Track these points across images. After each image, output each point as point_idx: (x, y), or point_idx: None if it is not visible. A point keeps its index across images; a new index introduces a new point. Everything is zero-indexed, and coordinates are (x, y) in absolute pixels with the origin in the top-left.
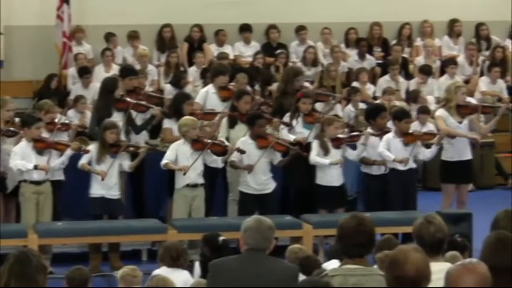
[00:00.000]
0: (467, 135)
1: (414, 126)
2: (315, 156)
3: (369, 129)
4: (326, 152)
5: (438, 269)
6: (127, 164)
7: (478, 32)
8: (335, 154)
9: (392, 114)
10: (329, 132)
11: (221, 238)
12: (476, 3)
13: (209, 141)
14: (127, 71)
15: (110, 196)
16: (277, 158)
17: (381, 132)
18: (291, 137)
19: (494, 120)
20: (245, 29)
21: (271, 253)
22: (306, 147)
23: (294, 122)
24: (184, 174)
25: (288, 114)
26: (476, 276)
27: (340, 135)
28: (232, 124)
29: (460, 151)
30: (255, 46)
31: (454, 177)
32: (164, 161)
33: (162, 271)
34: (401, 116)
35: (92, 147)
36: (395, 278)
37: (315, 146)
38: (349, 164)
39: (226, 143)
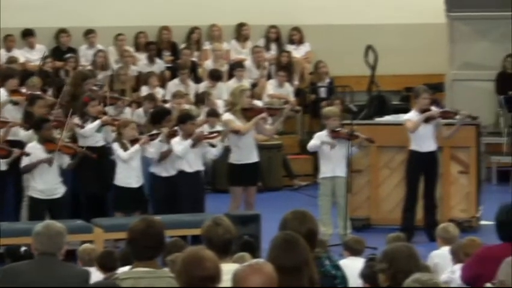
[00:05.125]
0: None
1: (204, 129)
2: (124, 152)
3: (164, 128)
4: None
5: (227, 270)
6: None
7: (268, 35)
8: (136, 154)
9: (177, 118)
10: (126, 133)
11: (23, 248)
12: (262, 8)
13: None
14: None
15: None
16: (66, 161)
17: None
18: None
19: (279, 122)
20: (27, 34)
21: (65, 257)
22: (102, 151)
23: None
24: None
25: (77, 118)
26: (262, 276)
27: (138, 136)
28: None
29: (246, 154)
30: (40, 50)
31: (241, 179)
32: None
33: None
34: (185, 118)
35: None
36: (189, 279)
37: (116, 146)
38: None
39: (10, 148)
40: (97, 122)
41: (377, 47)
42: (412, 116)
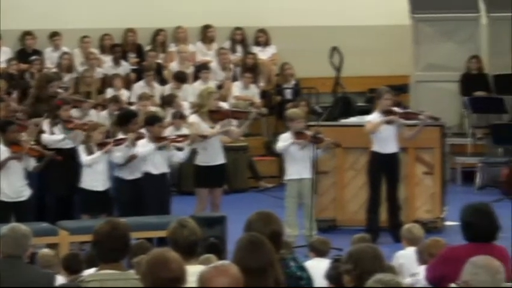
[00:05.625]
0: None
1: (170, 131)
2: (86, 157)
3: (130, 134)
4: None
5: (193, 272)
6: None
7: (234, 37)
8: (102, 158)
9: (144, 120)
10: (94, 137)
11: None
12: (228, 10)
13: None
14: None
15: None
16: (32, 164)
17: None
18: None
19: (245, 125)
20: None
21: (29, 260)
22: (70, 153)
23: (55, 129)
24: None
25: (47, 121)
26: (227, 278)
27: (106, 140)
28: None
29: (213, 156)
30: (6, 52)
31: (207, 181)
32: None
33: None
34: (152, 121)
35: None
36: (155, 280)
37: (82, 149)
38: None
39: None
40: (60, 137)
41: (342, 48)
42: (374, 117)
